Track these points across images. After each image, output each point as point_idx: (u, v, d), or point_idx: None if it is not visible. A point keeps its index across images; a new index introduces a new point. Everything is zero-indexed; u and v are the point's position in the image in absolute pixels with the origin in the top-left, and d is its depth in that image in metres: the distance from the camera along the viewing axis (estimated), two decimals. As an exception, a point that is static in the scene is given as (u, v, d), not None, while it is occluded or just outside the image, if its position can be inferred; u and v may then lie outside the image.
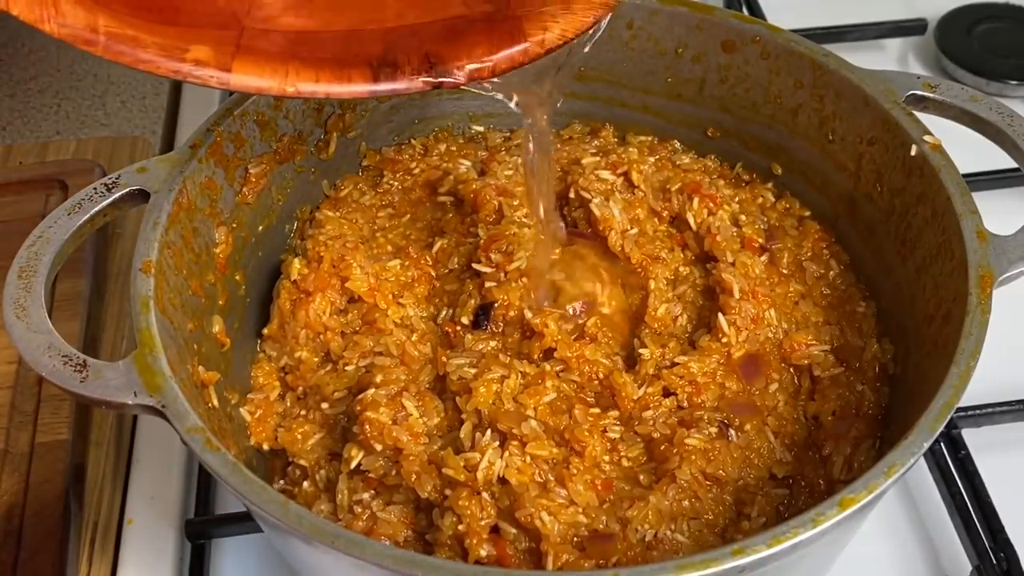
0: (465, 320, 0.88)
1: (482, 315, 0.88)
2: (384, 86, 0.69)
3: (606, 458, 0.80)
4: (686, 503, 0.77)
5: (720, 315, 0.87)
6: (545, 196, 0.87)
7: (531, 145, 0.84)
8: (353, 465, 0.80)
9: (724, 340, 0.86)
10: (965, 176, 0.82)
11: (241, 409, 0.87)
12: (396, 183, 1.03)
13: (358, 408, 0.81)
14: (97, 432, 1.01)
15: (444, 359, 0.85)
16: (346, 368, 0.87)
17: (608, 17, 0.75)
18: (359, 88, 0.69)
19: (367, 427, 0.79)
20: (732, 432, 0.81)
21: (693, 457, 0.79)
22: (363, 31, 0.73)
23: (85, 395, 0.70)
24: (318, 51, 0.71)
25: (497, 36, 0.72)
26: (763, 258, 0.92)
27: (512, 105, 0.81)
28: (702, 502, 0.78)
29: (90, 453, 0.99)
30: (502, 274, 0.90)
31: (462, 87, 0.72)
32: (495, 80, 0.73)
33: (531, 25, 0.72)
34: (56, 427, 0.97)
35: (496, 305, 0.88)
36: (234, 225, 0.90)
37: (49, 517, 0.90)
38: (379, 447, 0.79)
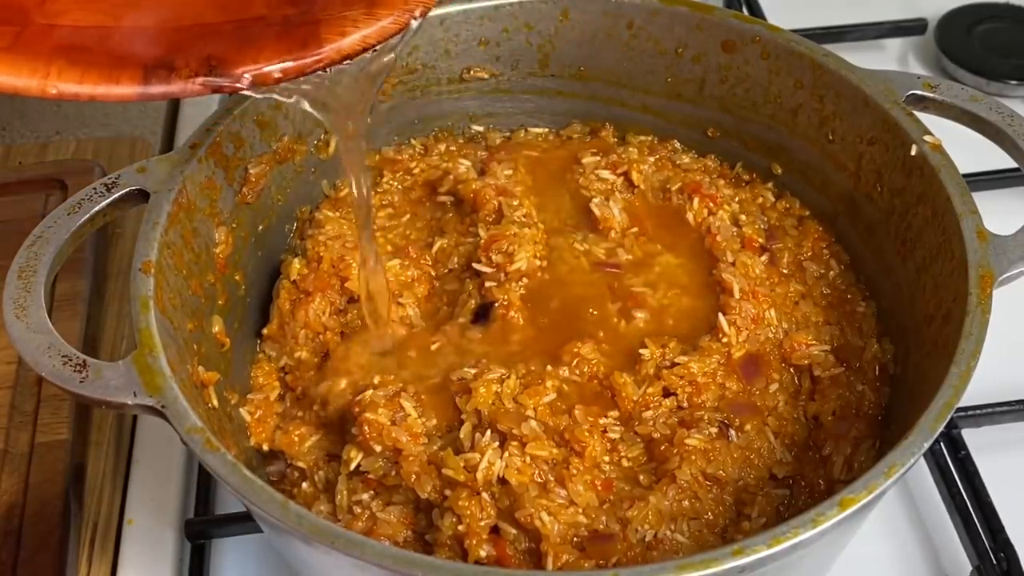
0: (464, 320, 0.88)
1: (481, 315, 0.88)
2: (155, 88, 0.65)
3: (606, 458, 0.80)
4: (686, 503, 0.77)
5: (720, 315, 0.87)
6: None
7: (344, 161, 0.80)
8: (352, 467, 0.80)
9: (724, 340, 0.86)
10: (965, 176, 0.82)
11: (241, 409, 0.87)
12: (396, 183, 1.03)
13: (357, 409, 0.81)
14: (97, 432, 1.01)
15: (444, 359, 0.85)
16: (346, 368, 0.87)
17: (416, 24, 0.70)
18: (127, 90, 0.65)
19: (366, 428, 0.79)
20: (732, 432, 0.81)
21: (693, 457, 0.79)
22: (151, 29, 0.69)
23: (85, 395, 0.70)
24: (95, 49, 0.66)
25: (288, 40, 0.68)
26: (763, 258, 0.93)
27: (311, 110, 0.75)
28: (702, 502, 0.78)
29: (90, 453, 0.99)
30: (502, 274, 0.90)
31: (244, 92, 0.68)
32: (288, 86, 0.69)
33: (328, 30, 0.68)
34: (56, 427, 0.97)
35: (496, 305, 0.88)
36: (234, 225, 0.90)
37: (49, 517, 0.90)
38: (378, 448, 0.79)
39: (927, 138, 0.85)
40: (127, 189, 0.82)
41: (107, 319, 1.10)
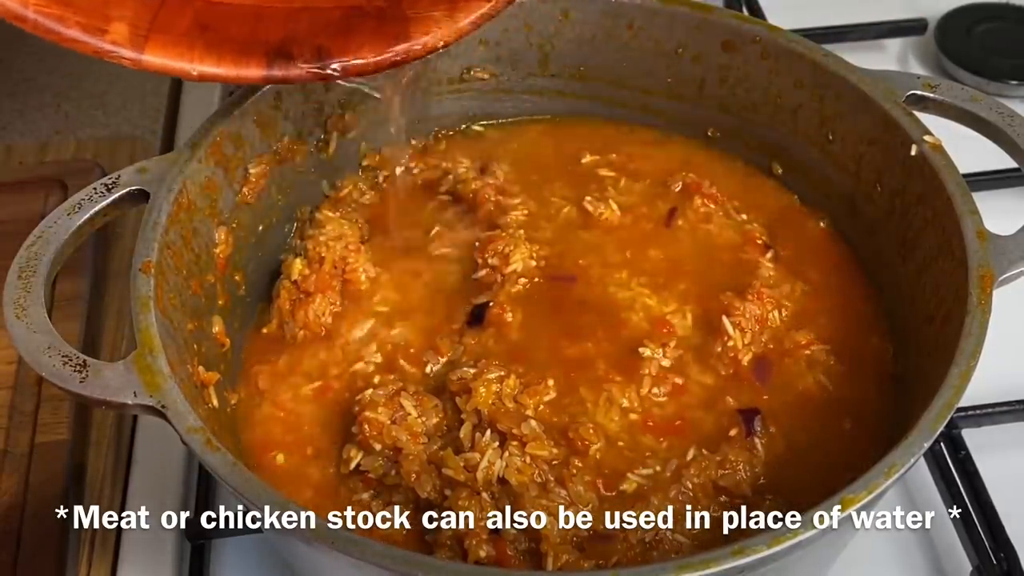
0: (460, 323, 0.88)
1: (476, 317, 0.88)
2: (277, 73, 0.77)
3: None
4: (687, 504, 0.77)
5: (724, 317, 0.87)
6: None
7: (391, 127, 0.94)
8: (352, 466, 0.80)
9: (731, 344, 0.86)
10: (965, 176, 0.82)
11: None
12: (396, 182, 1.03)
13: (356, 408, 0.81)
14: (97, 432, 1.01)
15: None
16: (345, 368, 0.87)
17: (483, 26, 0.80)
18: (254, 73, 0.77)
19: (366, 427, 0.79)
20: (733, 433, 0.81)
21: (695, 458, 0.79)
22: (269, 11, 0.79)
23: (85, 395, 0.70)
24: (223, 31, 0.77)
25: (383, 37, 0.78)
26: (763, 257, 0.92)
27: (371, 92, 0.90)
28: (703, 503, 0.78)
29: (90, 453, 0.99)
30: (499, 276, 0.90)
31: (341, 81, 0.79)
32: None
33: (416, 28, 0.78)
34: (56, 427, 0.97)
35: (491, 305, 0.88)
36: (234, 225, 0.90)
37: (49, 517, 0.90)
38: (378, 447, 0.79)
39: (927, 138, 0.85)
40: (127, 189, 0.82)
41: (107, 319, 1.10)
